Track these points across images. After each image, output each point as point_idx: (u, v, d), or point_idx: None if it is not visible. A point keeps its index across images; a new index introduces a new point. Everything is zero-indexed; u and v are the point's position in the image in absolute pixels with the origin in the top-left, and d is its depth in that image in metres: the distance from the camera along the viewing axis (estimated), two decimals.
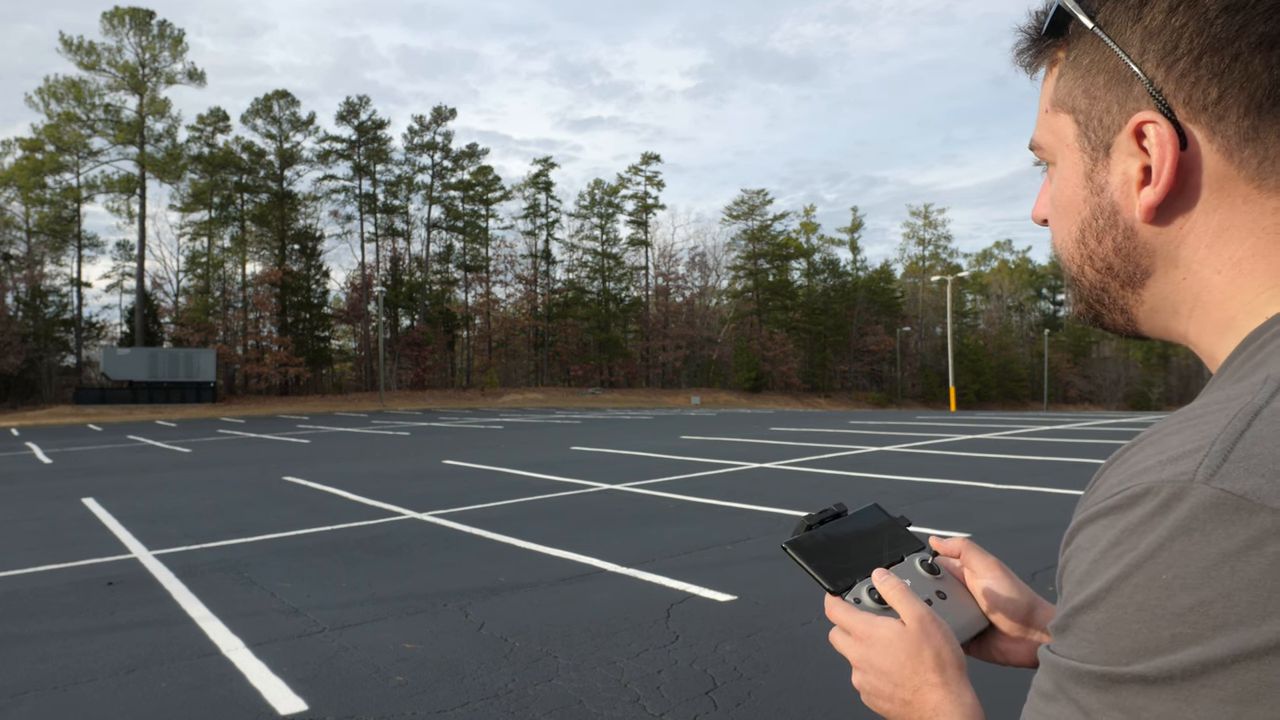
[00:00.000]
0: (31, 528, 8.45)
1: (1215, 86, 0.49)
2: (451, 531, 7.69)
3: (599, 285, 70.94)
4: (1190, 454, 0.43)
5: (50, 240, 54.94)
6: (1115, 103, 0.54)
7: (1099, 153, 0.55)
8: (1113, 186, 0.55)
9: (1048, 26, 0.56)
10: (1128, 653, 0.42)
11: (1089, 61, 0.54)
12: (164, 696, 3.81)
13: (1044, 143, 0.60)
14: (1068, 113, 0.57)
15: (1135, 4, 0.51)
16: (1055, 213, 0.61)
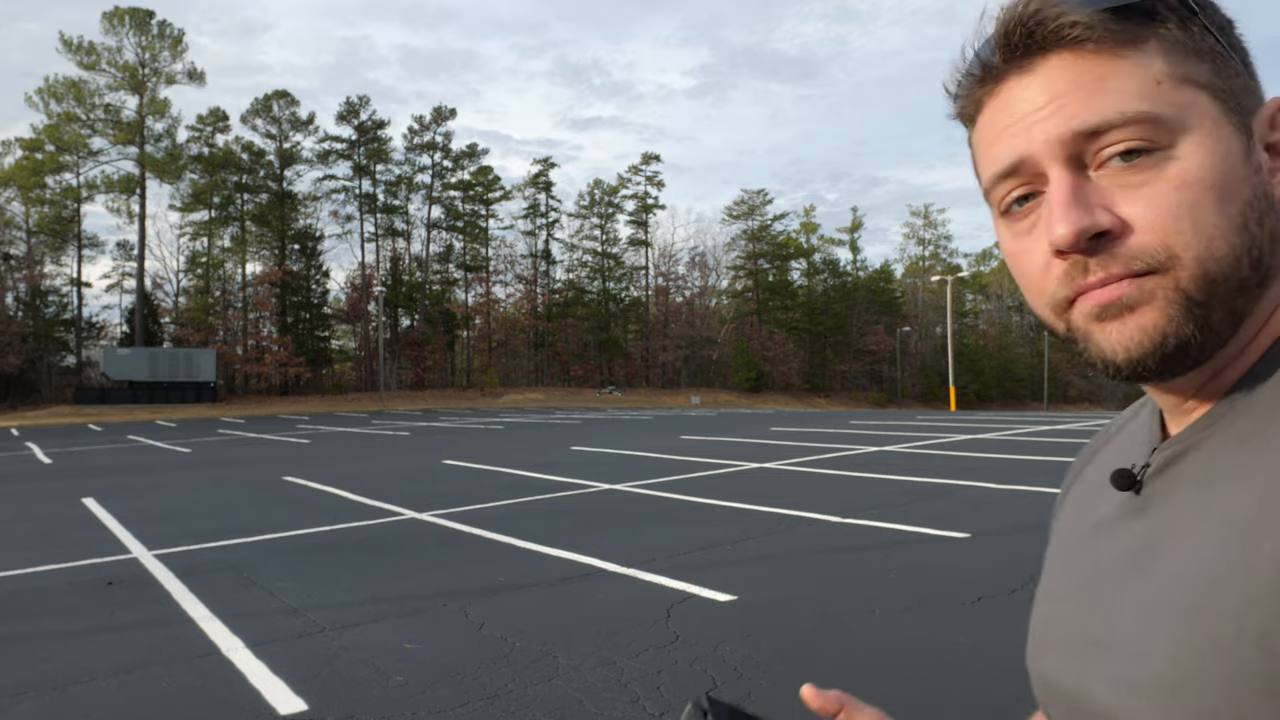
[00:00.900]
0: (31, 528, 8.46)
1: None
2: (451, 531, 7.69)
3: (599, 285, 70.94)
4: None
5: (50, 240, 54.95)
6: (1243, 84, 0.53)
7: (1246, 131, 0.52)
8: (1262, 165, 0.53)
9: (1137, 5, 0.51)
10: None
11: (1200, 41, 0.52)
12: (164, 696, 3.81)
13: (1169, 116, 0.50)
14: (1199, 87, 0.51)
15: (1215, 9, 0.53)
16: (1198, 200, 0.50)
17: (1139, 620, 0.54)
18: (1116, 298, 0.51)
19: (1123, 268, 0.51)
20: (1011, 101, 0.54)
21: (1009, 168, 0.54)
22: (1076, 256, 0.52)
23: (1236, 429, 0.53)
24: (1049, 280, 0.54)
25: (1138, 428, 0.66)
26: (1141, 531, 0.57)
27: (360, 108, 63.03)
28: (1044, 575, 0.70)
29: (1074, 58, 0.51)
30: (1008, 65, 0.54)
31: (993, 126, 0.55)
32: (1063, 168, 0.52)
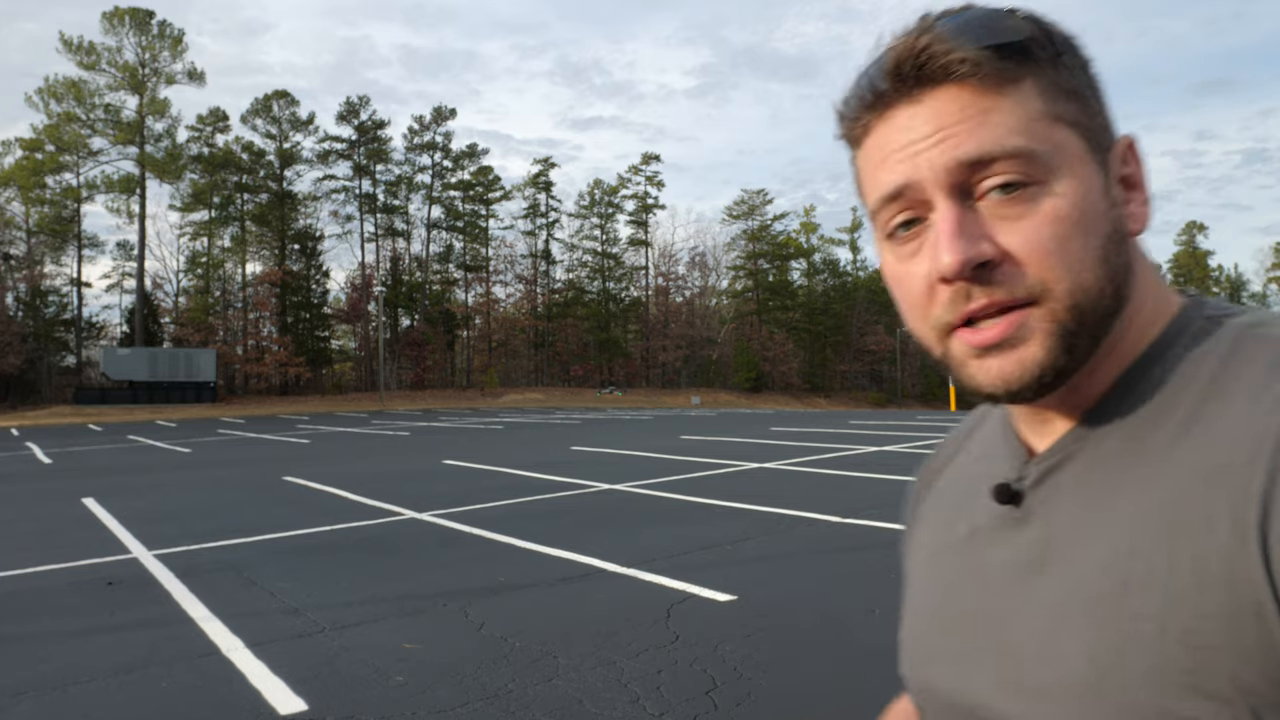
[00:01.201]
0: (31, 528, 8.46)
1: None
2: (451, 531, 7.69)
3: (599, 285, 70.94)
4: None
5: (50, 240, 54.95)
6: (1102, 122, 0.58)
7: (1104, 167, 0.57)
8: (1118, 200, 0.57)
9: (1017, 46, 0.55)
10: None
11: (1071, 82, 0.56)
12: (164, 696, 3.81)
13: (1043, 152, 0.54)
14: (1068, 126, 0.55)
15: (1079, 50, 0.58)
16: (1068, 234, 0.54)
17: (1040, 624, 0.56)
18: (1000, 337, 0.55)
19: (1005, 295, 0.54)
20: (900, 129, 0.56)
21: (895, 191, 0.57)
22: (961, 284, 0.55)
23: (1110, 442, 0.57)
24: (933, 304, 0.57)
25: (988, 438, 0.70)
26: (1028, 540, 0.59)
27: (360, 108, 63.05)
28: (911, 588, 0.72)
29: (960, 92, 0.54)
30: (898, 94, 0.56)
31: (880, 150, 0.58)
32: (947, 197, 0.55)
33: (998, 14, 0.55)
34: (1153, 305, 0.59)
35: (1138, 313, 0.59)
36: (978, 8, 0.56)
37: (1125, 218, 0.58)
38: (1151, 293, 0.60)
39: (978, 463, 0.70)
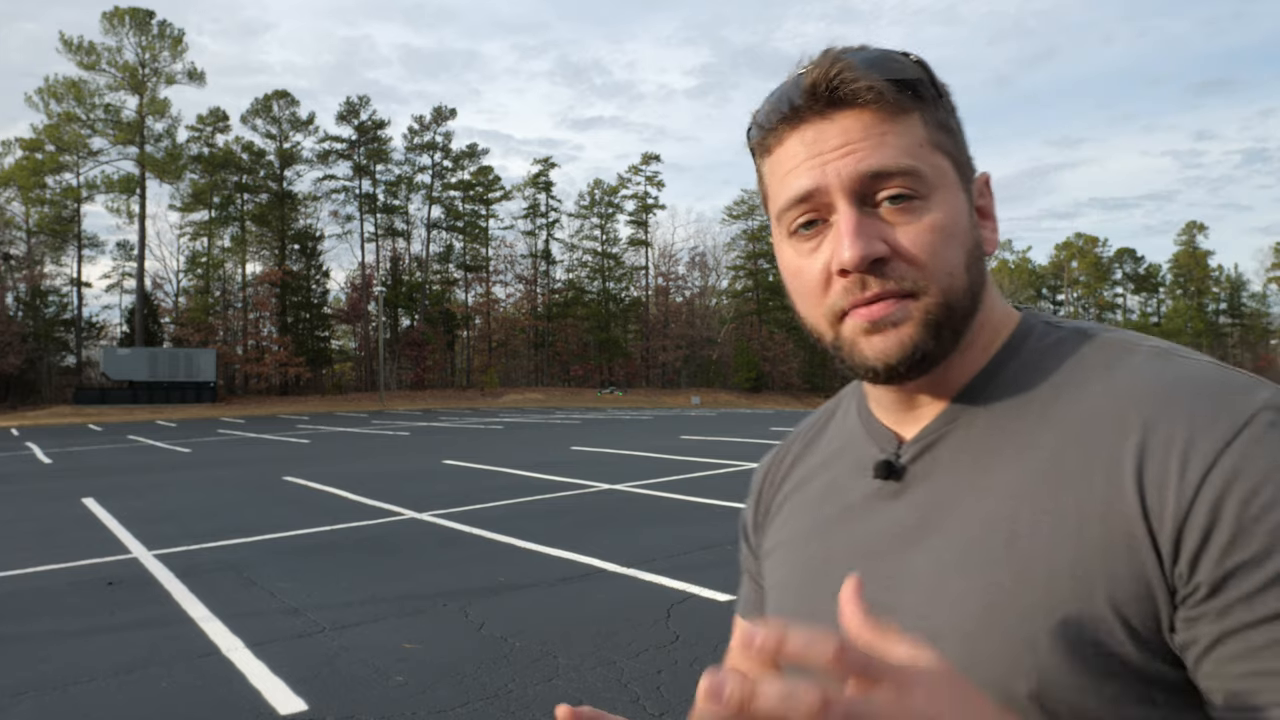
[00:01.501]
0: (31, 528, 8.46)
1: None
2: (451, 531, 7.69)
3: (599, 285, 70.92)
4: (1245, 384, 0.59)
5: (50, 240, 54.94)
6: (967, 157, 0.69)
7: (969, 194, 0.68)
8: (978, 224, 0.69)
9: (910, 83, 0.64)
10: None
11: (946, 120, 0.67)
12: (164, 696, 3.81)
13: (928, 173, 0.64)
14: (945, 155, 0.66)
15: (949, 95, 0.68)
16: (944, 241, 0.64)
17: (931, 579, 0.64)
18: (886, 314, 0.64)
19: (893, 286, 0.64)
20: (811, 141, 0.65)
21: (805, 194, 0.65)
22: (857, 275, 0.64)
23: (980, 422, 0.67)
24: (829, 293, 0.66)
25: (843, 435, 0.80)
26: (910, 509, 0.68)
27: (360, 108, 63.04)
28: (779, 567, 0.80)
29: (864, 114, 0.64)
30: (811, 111, 0.65)
31: (792, 159, 0.66)
32: (849, 202, 0.64)
33: (895, 55, 0.66)
34: (1000, 312, 0.71)
35: (989, 318, 0.70)
36: (878, 48, 0.66)
37: (982, 240, 0.69)
38: (997, 304, 0.72)
39: (838, 455, 0.79)
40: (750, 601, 0.93)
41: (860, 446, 0.76)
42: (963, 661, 0.60)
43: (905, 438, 0.72)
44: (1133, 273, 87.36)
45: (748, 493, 0.94)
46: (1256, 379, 0.60)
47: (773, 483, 0.87)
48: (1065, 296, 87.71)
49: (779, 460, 0.88)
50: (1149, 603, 0.56)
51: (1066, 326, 0.70)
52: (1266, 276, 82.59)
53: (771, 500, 0.86)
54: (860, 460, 0.75)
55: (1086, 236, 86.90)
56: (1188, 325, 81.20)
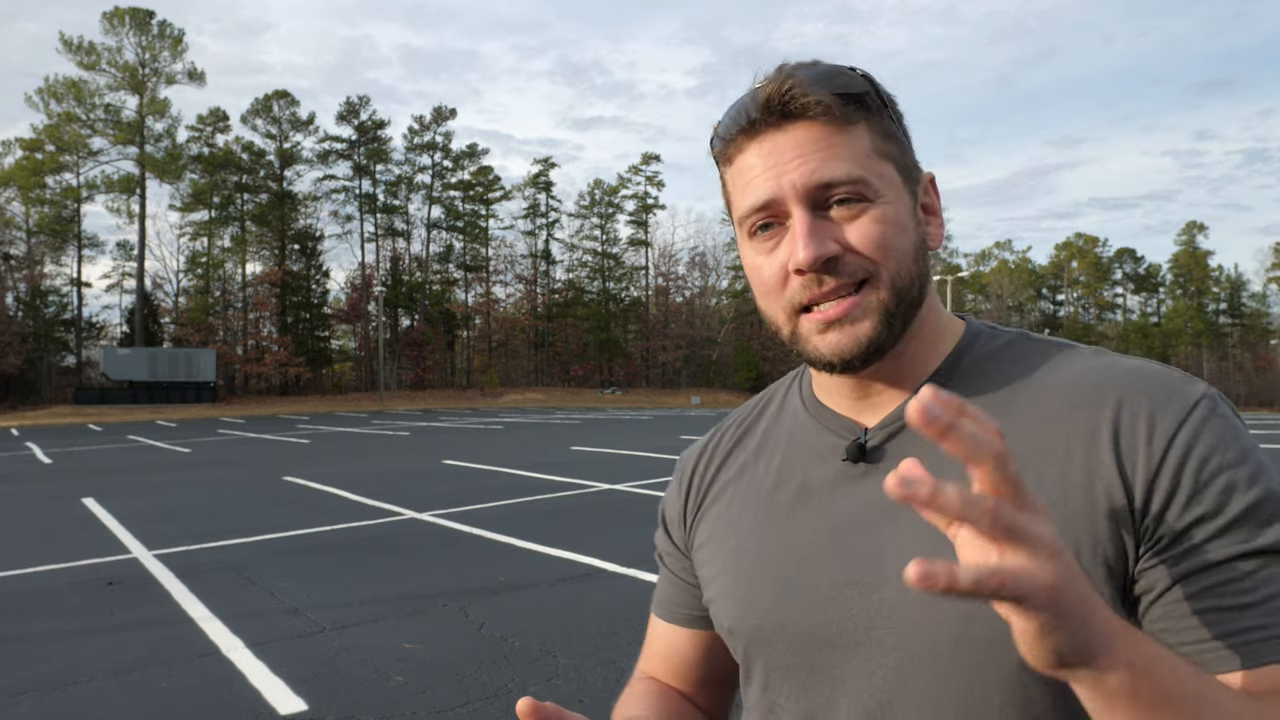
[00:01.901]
0: (31, 528, 8.46)
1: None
2: (451, 531, 7.69)
3: (599, 285, 70.94)
4: (1184, 377, 0.68)
5: (50, 240, 54.95)
6: (912, 161, 0.75)
7: (914, 196, 0.74)
8: (922, 221, 0.75)
9: (856, 96, 0.70)
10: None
11: (891, 129, 0.73)
12: (164, 696, 3.81)
13: (874, 180, 0.70)
14: (890, 162, 0.72)
15: (894, 105, 0.74)
16: (891, 235, 0.70)
17: (921, 549, 0.67)
18: (842, 314, 0.70)
19: (846, 279, 0.70)
20: (768, 151, 0.71)
21: (764, 203, 0.71)
22: (813, 274, 0.70)
23: None
24: (787, 289, 0.72)
25: (787, 423, 0.84)
26: (880, 488, 0.71)
27: (360, 108, 63.06)
28: (723, 556, 0.82)
29: (815, 126, 0.70)
30: (766, 123, 0.71)
31: (752, 168, 0.72)
32: (803, 208, 0.70)
33: (844, 70, 0.72)
34: (947, 317, 0.79)
35: (938, 319, 0.78)
36: (828, 63, 0.72)
37: (927, 235, 0.76)
38: (942, 310, 0.79)
39: (785, 445, 0.83)
40: (670, 599, 0.94)
41: (812, 435, 0.81)
42: (959, 630, 0.66)
43: (866, 425, 0.77)
44: (1132, 273, 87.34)
45: (672, 484, 0.94)
46: (1188, 374, 0.70)
47: (703, 476, 0.89)
48: (1065, 296, 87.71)
49: (708, 453, 0.91)
50: (1125, 560, 0.64)
51: (1008, 331, 0.79)
52: (1266, 276, 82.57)
53: (705, 492, 0.88)
54: (816, 447, 0.79)
55: (1086, 236, 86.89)
56: (1188, 325, 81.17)
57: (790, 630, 0.75)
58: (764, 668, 0.78)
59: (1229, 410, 0.67)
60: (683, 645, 0.93)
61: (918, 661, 0.67)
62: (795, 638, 0.75)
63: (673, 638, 0.94)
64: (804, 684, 0.75)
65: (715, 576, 0.83)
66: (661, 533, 0.95)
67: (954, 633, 0.66)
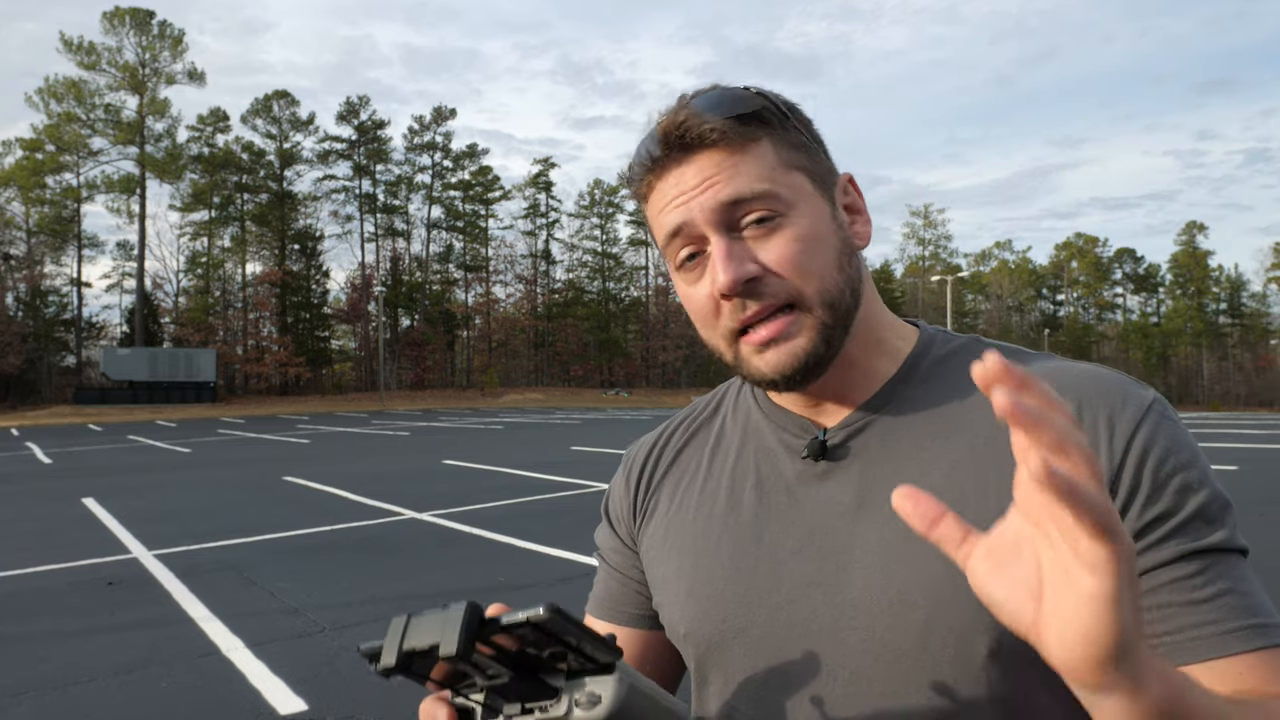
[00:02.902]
0: (31, 528, 8.46)
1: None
2: (451, 531, 7.69)
3: (599, 285, 70.95)
4: (1135, 382, 0.70)
5: (50, 240, 54.95)
6: (826, 166, 0.75)
7: (830, 200, 0.74)
8: (844, 223, 0.75)
9: (753, 115, 0.70)
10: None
11: (796, 139, 0.73)
12: (164, 696, 3.81)
13: (784, 193, 0.70)
14: (798, 171, 0.72)
15: (800, 114, 0.75)
16: (809, 250, 0.70)
17: (887, 546, 0.69)
18: (777, 333, 0.70)
19: (771, 301, 0.70)
20: (674, 183, 0.72)
21: (675, 229, 0.72)
22: (736, 298, 0.70)
23: (906, 410, 0.74)
24: (720, 316, 0.72)
25: (740, 424, 0.84)
26: (843, 486, 0.73)
27: (360, 108, 63.07)
28: (692, 554, 0.80)
29: (715, 153, 0.70)
30: (669, 158, 0.72)
31: (661, 200, 0.73)
32: (716, 231, 0.70)
33: (737, 92, 0.72)
34: (898, 323, 0.79)
35: (882, 323, 0.78)
36: (722, 88, 0.73)
37: (852, 235, 0.75)
38: (887, 314, 0.79)
39: (739, 445, 0.82)
40: (612, 598, 0.90)
41: (766, 435, 0.80)
42: (928, 622, 0.66)
43: (825, 425, 0.77)
44: (1132, 273, 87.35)
45: (618, 480, 0.92)
46: (1137, 379, 0.72)
47: (653, 471, 0.88)
48: (1065, 296, 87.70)
49: (658, 448, 0.89)
50: None
51: (960, 336, 0.80)
52: (1266, 276, 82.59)
53: (657, 488, 0.87)
54: (772, 446, 0.79)
55: (1086, 236, 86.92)
56: (1188, 325, 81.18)
57: (752, 634, 0.74)
58: (722, 672, 0.76)
59: (1175, 415, 0.69)
60: (626, 648, 0.87)
61: (881, 661, 0.67)
62: (757, 641, 0.73)
63: None
64: (764, 687, 0.73)
65: (669, 579, 0.81)
66: (605, 528, 0.92)
67: (919, 632, 0.66)
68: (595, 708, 0.53)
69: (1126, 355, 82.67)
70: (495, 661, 0.54)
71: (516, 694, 0.56)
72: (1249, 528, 7.19)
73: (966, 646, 0.65)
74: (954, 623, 0.65)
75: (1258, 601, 0.63)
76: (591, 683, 0.54)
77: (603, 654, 0.54)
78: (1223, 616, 0.61)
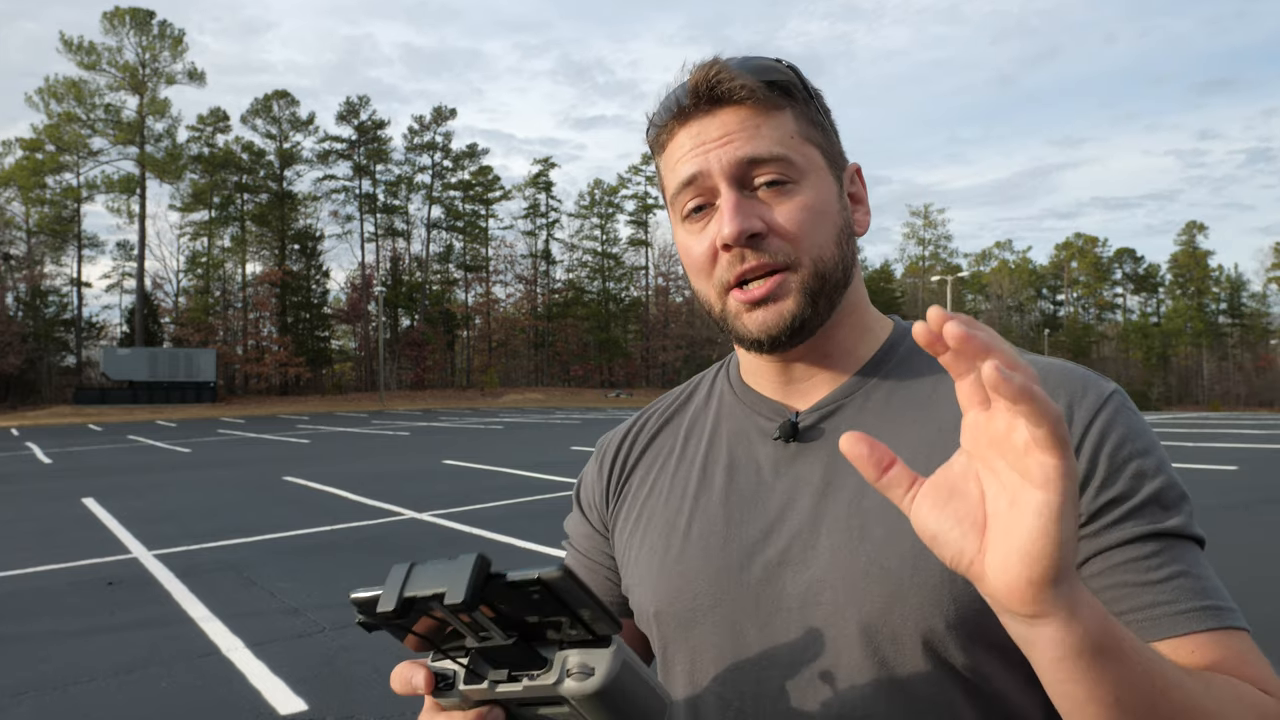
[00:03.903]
0: (31, 528, 8.46)
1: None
2: (451, 531, 7.69)
3: (599, 285, 70.95)
4: (1096, 374, 0.72)
5: (50, 240, 54.93)
6: (838, 150, 0.78)
7: (839, 181, 0.77)
8: (848, 206, 0.78)
9: (782, 85, 0.73)
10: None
11: (816, 117, 0.76)
12: (164, 696, 3.81)
13: (799, 161, 0.73)
14: (815, 146, 0.75)
15: (819, 95, 0.78)
16: (814, 219, 0.73)
17: (853, 524, 0.70)
18: (766, 293, 0.72)
19: (769, 259, 0.72)
20: (696, 133, 0.74)
21: (690, 178, 0.74)
22: (737, 249, 0.72)
23: (878, 394, 0.77)
24: (716, 266, 0.74)
25: (714, 409, 0.85)
26: (813, 465, 0.75)
27: (360, 108, 63.06)
28: (663, 535, 0.80)
29: (740, 110, 0.73)
30: (696, 108, 0.74)
31: (681, 149, 0.75)
32: (729, 185, 0.72)
33: (770, 61, 0.75)
34: (876, 315, 0.82)
35: (866, 312, 0.81)
36: (758, 56, 0.75)
37: (853, 221, 0.78)
38: (870, 307, 0.82)
39: (713, 429, 0.84)
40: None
41: (740, 419, 0.82)
42: (890, 595, 0.67)
43: (797, 408, 0.79)
44: (1132, 273, 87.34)
45: (590, 467, 0.92)
46: (1098, 372, 0.74)
47: (626, 457, 0.89)
48: (1065, 296, 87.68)
49: (631, 436, 0.91)
50: None
51: None
52: (1266, 276, 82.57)
53: (629, 474, 0.88)
54: (745, 429, 0.81)
55: (1086, 236, 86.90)
56: (1187, 325, 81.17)
57: (721, 612, 0.74)
58: (690, 652, 0.77)
59: (1134, 407, 0.72)
60: None
61: (846, 637, 0.69)
62: (725, 619, 0.74)
63: None
64: (733, 666, 0.74)
65: (641, 559, 0.81)
66: (576, 515, 0.92)
67: (884, 606, 0.67)
68: (587, 680, 0.52)
69: (1126, 355, 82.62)
70: (493, 623, 0.52)
71: (506, 659, 0.54)
72: (1247, 528, 7.18)
73: (926, 622, 0.66)
74: (915, 598, 0.66)
75: (1212, 585, 0.64)
76: (585, 654, 0.53)
77: (602, 626, 0.53)
78: (1177, 597, 0.62)
